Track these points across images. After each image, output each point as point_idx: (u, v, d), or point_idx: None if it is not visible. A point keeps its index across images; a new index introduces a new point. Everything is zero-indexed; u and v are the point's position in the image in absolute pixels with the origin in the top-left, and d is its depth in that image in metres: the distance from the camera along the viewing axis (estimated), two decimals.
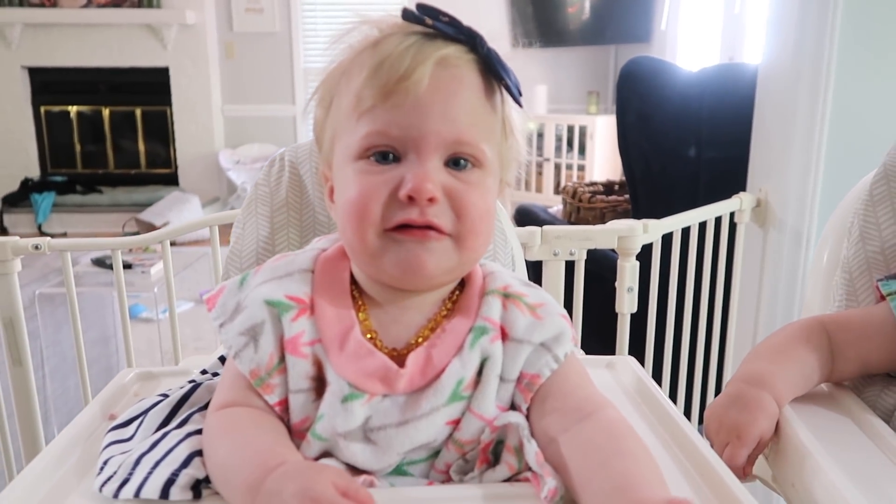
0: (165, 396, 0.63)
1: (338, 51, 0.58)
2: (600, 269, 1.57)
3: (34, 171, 5.36)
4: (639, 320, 1.50)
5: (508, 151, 0.60)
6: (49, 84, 5.33)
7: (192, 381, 0.66)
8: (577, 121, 4.82)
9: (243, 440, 0.52)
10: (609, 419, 0.53)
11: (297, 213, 0.92)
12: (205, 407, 0.60)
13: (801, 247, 1.51)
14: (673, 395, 1.64)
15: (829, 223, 0.90)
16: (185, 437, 0.55)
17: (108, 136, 5.51)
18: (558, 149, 4.91)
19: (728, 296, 1.65)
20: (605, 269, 1.50)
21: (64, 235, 4.53)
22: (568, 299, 1.41)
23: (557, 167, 4.92)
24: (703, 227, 1.57)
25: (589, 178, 4.48)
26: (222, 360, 0.71)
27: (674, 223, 1.50)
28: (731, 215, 1.61)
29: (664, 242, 1.50)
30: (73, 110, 5.47)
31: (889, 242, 0.79)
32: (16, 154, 5.31)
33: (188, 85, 5.28)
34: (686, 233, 1.54)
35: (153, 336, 2.71)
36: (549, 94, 5.13)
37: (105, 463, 0.54)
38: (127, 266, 2.38)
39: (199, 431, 0.56)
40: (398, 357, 0.56)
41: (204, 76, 5.26)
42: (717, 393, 1.00)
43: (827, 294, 0.86)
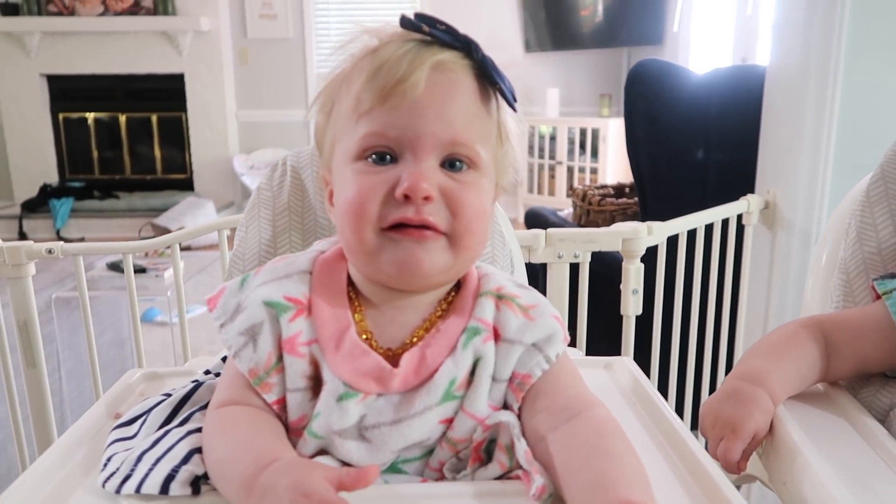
0: (169, 396, 0.64)
1: (339, 59, 0.60)
2: (609, 272, 1.57)
3: (53, 177, 5.43)
4: (646, 323, 1.50)
5: (504, 156, 0.61)
6: (67, 91, 5.40)
7: (195, 381, 0.67)
8: (590, 124, 4.80)
9: (240, 437, 0.53)
10: (597, 418, 0.54)
11: (298, 217, 0.93)
12: (206, 406, 0.61)
13: (809, 248, 1.51)
14: (680, 397, 1.64)
15: (829, 224, 0.90)
16: (186, 434, 0.57)
17: (124, 142, 5.57)
18: (571, 152, 4.88)
19: (736, 297, 1.65)
20: (614, 271, 1.50)
21: (82, 240, 4.58)
22: (572, 302, 1.41)
23: (570, 170, 4.89)
24: (709, 230, 1.57)
25: (602, 181, 4.47)
26: (225, 360, 0.72)
27: (679, 225, 1.50)
28: (739, 217, 1.61)
29: (671, 245, 1.50)
30: (90, 117, 5.54)
31: (886, 243, 0.79)
32: (35, 160, 5.39)
33: (203, 91, 5.33)
34: (692, 235, 1.54)
35: (168, 339, 2.74)
36: (562, 97, 5.11)
37: (108, 460, 0.56)
38: (141, 270, 2.41)
39: (200, 429, 0.57)
40: (393, 357, 0.56)
41: (218, 82, 5.31)
42: None
43: (825, 295, 0.86)
